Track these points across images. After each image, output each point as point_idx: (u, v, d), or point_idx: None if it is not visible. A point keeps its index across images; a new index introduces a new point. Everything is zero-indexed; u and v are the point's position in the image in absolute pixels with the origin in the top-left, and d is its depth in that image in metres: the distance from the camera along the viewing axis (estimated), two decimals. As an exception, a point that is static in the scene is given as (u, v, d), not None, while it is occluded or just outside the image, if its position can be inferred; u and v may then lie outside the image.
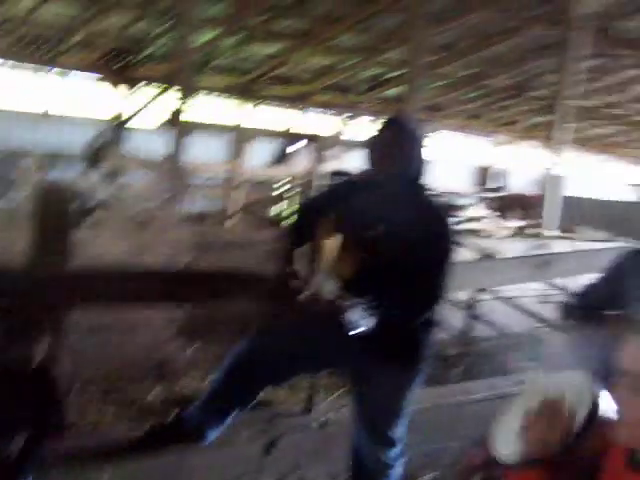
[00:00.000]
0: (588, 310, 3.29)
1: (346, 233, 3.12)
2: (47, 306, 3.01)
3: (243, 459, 3.74)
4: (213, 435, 3.52)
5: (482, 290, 6.83)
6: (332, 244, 3.09)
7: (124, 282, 3.57)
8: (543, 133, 18.44)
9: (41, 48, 12.91)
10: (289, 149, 15.87)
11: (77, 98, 14.04)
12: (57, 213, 3.25)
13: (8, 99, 13.28)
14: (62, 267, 3.29)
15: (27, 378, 2.89)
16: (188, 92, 6.86)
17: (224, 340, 6.61)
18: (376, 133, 3.17)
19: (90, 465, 3.35)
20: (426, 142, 3.16)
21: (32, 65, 12.96)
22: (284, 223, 9.82)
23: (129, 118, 14.18)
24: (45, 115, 13.53)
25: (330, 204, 3.35)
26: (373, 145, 3.15)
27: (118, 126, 14.10)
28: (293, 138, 12.38)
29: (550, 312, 8.12)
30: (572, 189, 20.96)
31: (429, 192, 3.21)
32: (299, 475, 3.93)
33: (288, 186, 14.51)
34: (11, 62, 12.64)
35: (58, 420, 2.98)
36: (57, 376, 2.99)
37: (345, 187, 3.48)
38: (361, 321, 2.71)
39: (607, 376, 1.73)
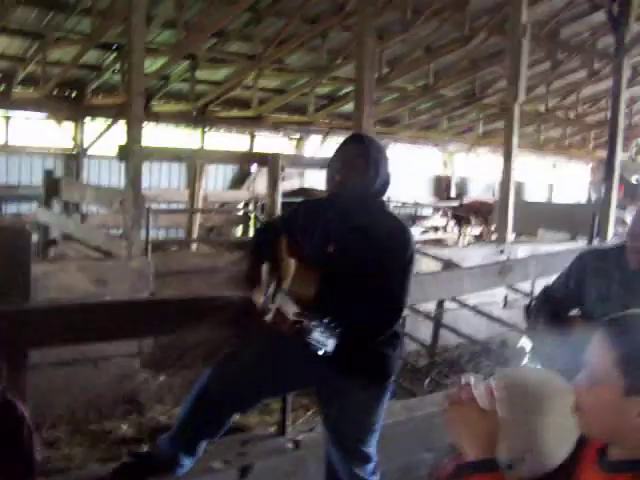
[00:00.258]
0: (550, 311, 3.34)
1: (307, 252, 3.13)
2: (8, 343, 2.96)
3: (219, 486, 3.71)
4: (188, 464, 3.48)
5: (447, 299, 6.88)
6: (294, 264, 3.09)
7: (88, 316, 3.53)
8: (498, 139, 18.71)
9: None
10: (247, 171, 15.89)
11: (31, 132, 13.89)
12: (16, 248, 3.21)
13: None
14: (24, 302, 3.25)
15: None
16: (141, 120, 6.82)
17: (191, 369, 6.59)
18: (337, 151, 3.18)
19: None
20: (386, 157, 3.18)
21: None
22: (247, 245, 9.80)
23: (85, 149, 14.08)
24: (1, 149, 13.38)
25: (290, 224, 3.36)
26: (334, 163, 3.16)
27: (74, 157, 14.00)
28: (250, 160, 12.39)
29: (515, 316, 8.22)
30: (530, 193, 21.31)
31: (389, 207, 3.23)
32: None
33: (248, 208, 14.51)
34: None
35: (27, 460, 2.92)
36: (22, 416, 2.93)
37: (305, 206, 3.49)
38: (326, 341, 2.69)
39: (571, 375, 1.77)
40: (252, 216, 11.85)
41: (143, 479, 3.44)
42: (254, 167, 15.44)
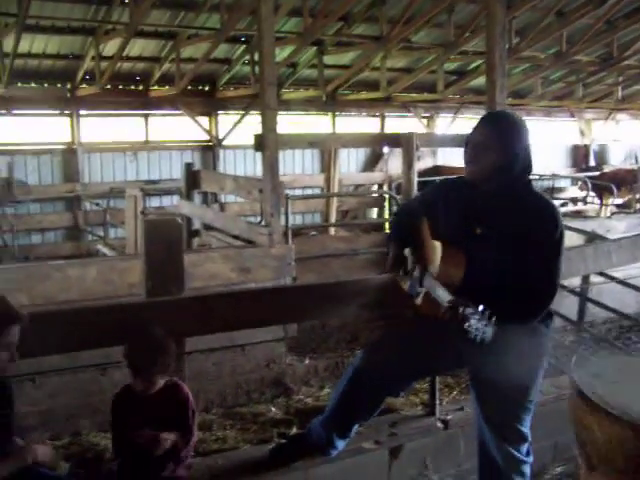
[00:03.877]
0: None
1: (450, 233, 3.09)
2: (168, 331, 3.12)
3: (372, 466, 3.76)
4: (341, 446, 3.55)
5: (595, 273, 6.64)
6: (439, 246, 3.04)
7: (235, 304, 3.64)
8: (639, 103, 17.80)
9: (130, 85, 13.40)
10: (379, 153, 15.87)
11: (168, 128, 14.40)
12: (171, 240, 3.34)
13: (105, 135, 13.81)
14: (179, 292, 3.39)
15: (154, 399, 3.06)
16: (274, 109, 6.94)
17: (335, 351, 6.69)
18: (474, 130, 3.11)
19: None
20: (522, 134, 3.07)
21: (123, 101, 13.42)
22: (385, 227, 9.81)
23: (220, 141, 14.47)
24: (142, 146, 13.95)
25: (430, 205, 3.31)
26: (472, 142, 3.10)
27: (210, 149, 14.42)
28: (383, 141, 12.36)
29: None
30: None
31: (532, 184, 3.14)
32: (427, 477, 3.93)
33: (383, 189, 14.50)
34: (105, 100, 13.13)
35: (190, 431, 3.13)
36: (187, 395, 3.13)
37: (445, 186, 3.43)
38: (485, 329, 2.62)
39: None
40: (387, 197, 11.81)
41: (298, 461, 3.54)
42: (385, 148, 15.38)
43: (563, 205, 15.23)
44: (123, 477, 3.13)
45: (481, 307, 2.63)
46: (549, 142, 18.46)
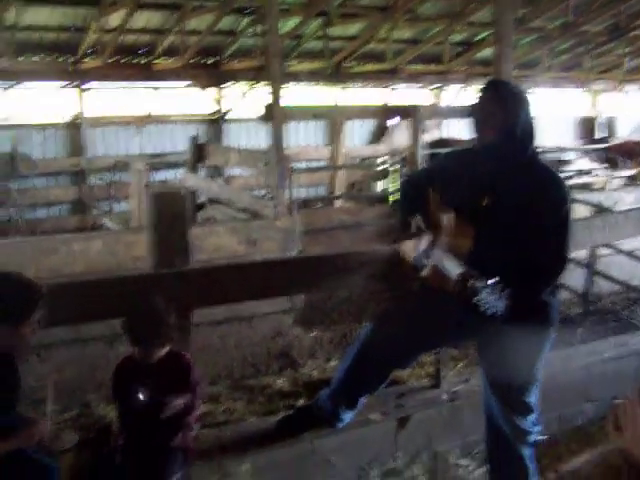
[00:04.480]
0: None
1: (458, 205, 3.06)
2: (173, 303, 3.11)
3: (378, 437, 3.77)
4: (348, 418, 3.56)
5: (602, 246, 6.61)
6: (447, 217, 3.02)
7: (242, 276, 3.63)
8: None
9: (134, 58, 13.30)
10: (387, 124, 15.77)
11: (173, 101, 14.35)
12: (174, 214, 3.33)
13: (110, 109, 13.75)
14: (184, 265, 3.38)
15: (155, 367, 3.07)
16: (280, 81, 6.89)
17: (341, 324, 6.68)
18: (476, 99, 3.08)
19: (229, 456, 3.45)
20: (525, 103, 3.04)
21: (127, 74, 13.34)
22: (392, 200, 9.77)
23: (224, 114, 14.42)
24: (147, 120, 13.90)
25: (437, 176, 3.29)
26: (475, 112, 3.07)
27: (215, 122, 14.37)
28: (389, 113, 12.27)
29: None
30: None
31: (539, 154, 3.12)
32: (433, 449, 3.94)
33: (391, 162, 14.44)
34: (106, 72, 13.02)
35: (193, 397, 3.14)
36: (189, 364, 3.14)
37: (452, 157, 3.42)
38: (496, 302, 2.61)
39: None
40: (392, 170, 11.77)
41: (305, 432, 3.55)
42: (392, 120, 15.29)
43: (570, 177, 15.19)
44: (130, 448, 3.14)
45: (491, 280, 2.62)
46: (557, 114, 18.32)
